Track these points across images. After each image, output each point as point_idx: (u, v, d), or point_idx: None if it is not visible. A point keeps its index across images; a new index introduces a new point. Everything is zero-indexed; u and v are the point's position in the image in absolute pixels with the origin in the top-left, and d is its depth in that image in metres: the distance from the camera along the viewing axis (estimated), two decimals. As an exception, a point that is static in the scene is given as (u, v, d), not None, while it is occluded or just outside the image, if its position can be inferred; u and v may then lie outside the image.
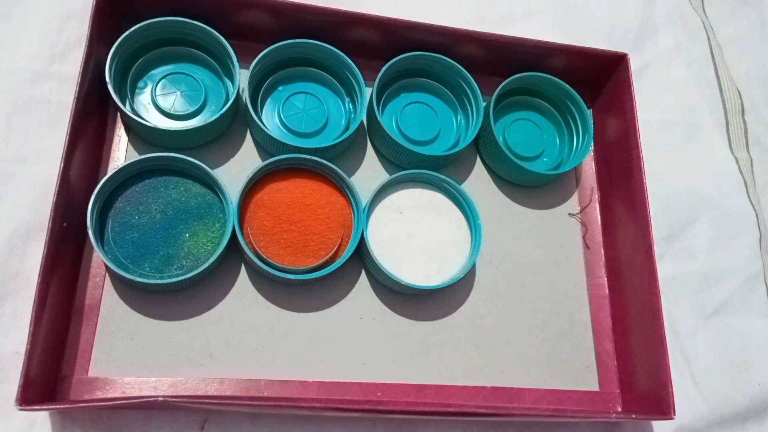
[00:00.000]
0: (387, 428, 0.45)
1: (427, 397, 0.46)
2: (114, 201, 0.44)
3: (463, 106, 0.54)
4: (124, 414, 0.42)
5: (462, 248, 0.49)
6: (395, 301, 0.48)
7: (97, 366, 0.42)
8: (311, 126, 0.50)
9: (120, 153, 0.47)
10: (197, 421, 0.43)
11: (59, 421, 0.41)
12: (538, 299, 0.51)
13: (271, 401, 0.43)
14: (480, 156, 0.54)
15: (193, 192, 0.46)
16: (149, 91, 0.47)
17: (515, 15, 0.62)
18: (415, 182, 0.50)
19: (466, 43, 0.51)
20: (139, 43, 0.47)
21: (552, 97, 0.55)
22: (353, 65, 0.49)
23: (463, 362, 0.48)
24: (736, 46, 0.67)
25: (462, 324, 0.49)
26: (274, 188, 0.46)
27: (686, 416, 0.51)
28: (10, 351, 0.42)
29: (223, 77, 0.49)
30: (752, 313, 0.56)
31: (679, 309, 0.54)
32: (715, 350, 0.54)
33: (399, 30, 0.50)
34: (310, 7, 0.48)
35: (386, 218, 0.48)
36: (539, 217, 0.53)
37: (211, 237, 0.45)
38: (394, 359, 0.47)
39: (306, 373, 0.45)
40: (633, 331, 0.49)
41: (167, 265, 0.43)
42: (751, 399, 0.53)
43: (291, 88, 0.51)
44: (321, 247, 0.46)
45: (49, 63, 0.49)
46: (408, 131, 0.51)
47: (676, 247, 0.57)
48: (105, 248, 0.43)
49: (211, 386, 0.43)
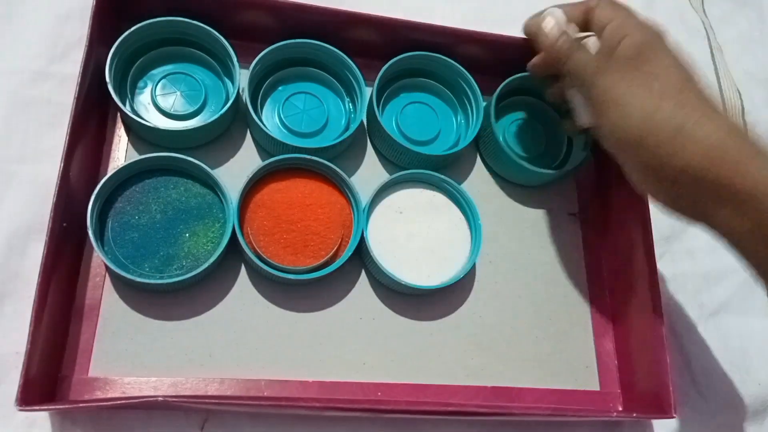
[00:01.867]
0: (387, 428, 0.45)
1: (427, 397, 0.46)
2: (114, 201, 0.44)
3: (463, 106, 0.54)
4: (124, 414, 0.42)
5: (462, 248, 0.49)
6: (395, 301, 0.48)
7: (97, 366, 0.42)
8: (311, 126, 0.50)
9: (120, 153, 0.47)
10: (197, 421, 0.43)
11: (59, 422, 0.41)
12: (538, 299, 0.51)
13: (272, 401, 0.43)
14: (480, 156, 0.54)
15: (193, 192, 0.46)
16: (149, 91, 0.47)
17: (515, 15, 0.62)
18: (415, 182, 0.50)
19: (466, 43, 0.51)
20: (139, 43, 0.47)
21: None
22: (353, 65, 0.49)
23: (463, 362, 0.48)
24: (736, 46, 0.67)
25: (462, 324, 0.49)
26: (274, 188, 0.46)
27: (686, 416, 0.51)
28: (10, 351, 0.42)
29: (223, 77, 0.49)
30: (752, 313, 0.56)
31: (679, 309, 0.54)
32: (715, 350, 0.54)
33: (399, 30, 0.50)
34: (310, 7, 0.48)
35: (386, 218, 0.48)
36: (539, 217, 0.53)
37: (211, 237, 0.45)
38: (394, 359, 0.47)
39: (306, 373, 0.45)
40: (633, 331, 0.49)
41: (167, 265, 0.43)
42: (751, 399, 0.53)
43: (291, 88, 0.51)
44: (321, 247, 0.46)
45: (49, 63, 0.49)
46: (408, 131, 0.51)
47: (676, 247, 0.57)
48: (105, 248, 0.43)
49: (211, 386, 0.43)
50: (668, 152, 0.37)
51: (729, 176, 0.35)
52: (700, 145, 0.36)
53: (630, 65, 0.39)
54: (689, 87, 0.38)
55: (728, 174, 0.35)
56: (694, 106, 0.37)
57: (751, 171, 0.35)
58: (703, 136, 0.36)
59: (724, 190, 0.35)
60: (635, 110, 0.38)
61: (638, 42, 0.39)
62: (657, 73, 0.38)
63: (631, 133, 0.38)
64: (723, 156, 0.35)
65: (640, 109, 0.37)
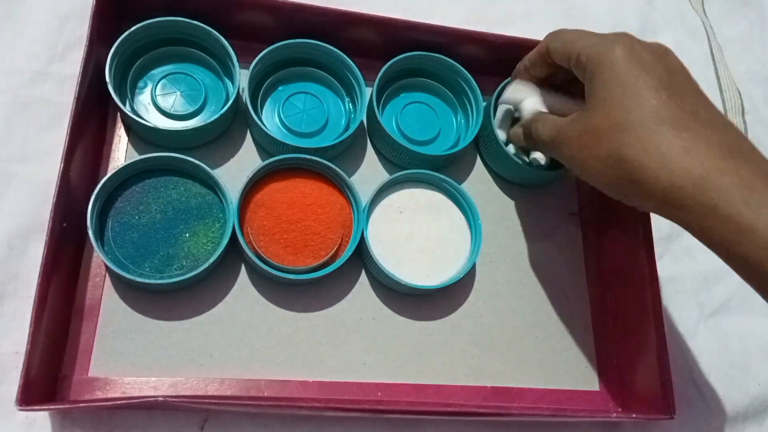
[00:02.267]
0: (387, 428, 0.45)
1: (427, 397, 0.46)
2: (114, 201, 0.44)
3: (463, 106, 0.54)
4: (124, 414, 0.42)
5: (462, 248, 0.49)
6: (395, 301, 0.48)
7: (97, 366, 0.42)
8: (311, 126, 0.50)
9: (120, 153, 0.47)
10: (197, 421, 0.43)
11: (59, 421, 0.41)
12: (538, 299, 0.51)
13: (272, 401, 0.43)
14: (480, 156, 0.54)
15: (193, 192, 0.46)
16: (149, 91, 0.47)
17: (515, 15, 0.62)
18: (415, 182, 0.50)
19: (466, 43, 0.51)
20: (139, 43, 0.47)
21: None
22: (353, 65, 0.49)
23: (463, 362, 0.48)
24: (736, 46, 0.67)
25: (462, 324, 0.49)
26: (274, 188, 0.46)
27: (686, 416, 0.51)
28: (10, 351, 0.42)
29: (223, 77, 0.49)
30: (752, 313, 0.56)
31: (679, 309, 0.54)
32: (715, 350, 0.54)
33: (399, 30, 0.50)
34: (310, 7, 0.48)
35: (386, 218, 0.48)
36: (539, 217, 0.53)
37: (211, 237, 0.45)
38: (394, 359, 0.47)
39: (306, 373, 0.45)
40: (633, 331, 0.49)
41: (167, 265, 0.43)
42: (751, 399, 0.53)
43: (291, 88, 0.51)
44: (321, 247, 0.46)
45: (49, 63, 0.49)
46: (408, 131, 0.51)
47: (676, 247, 0.57)
48: (105, 248, 0.43)
49: (211, 386, 0.43)
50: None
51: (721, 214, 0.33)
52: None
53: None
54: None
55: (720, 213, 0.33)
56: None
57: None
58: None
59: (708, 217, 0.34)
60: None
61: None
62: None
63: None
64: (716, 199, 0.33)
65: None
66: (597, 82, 0.38)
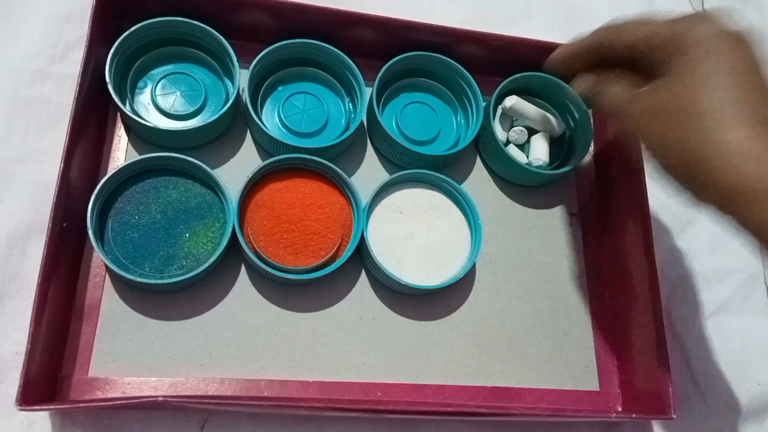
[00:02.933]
0: (387, 428, 0.45)
1: (427, 397, 0.46)
2: (114, 201, 0.44)
3: (463, 106, 0.54)
4: (124, 414, 0.42)
5: (462, 248, 0.49)
6: (395, 301, 0.48)
7: (97, 366, 0.42)
8: (311, 126, 0.50)
9: (120, 153, 0.47)
10: (197, 421, 0.43)
11: (59, 421, 0.41)
12: (538, 299, 0.51)
13: (271, 401, 0.43)
14: (480, 156, 0.54)
15: (193, 192, 0.46)
16: (149, 91, 0.47)
17: (515, 15, 0.62)
18: (415, 182, 0.50)
19: (466, 43, 0.51)
20: (139, 43, 0.47)
21: (552, 97, 0.55)
22: (353, 65, 0.49)
23: (463, 362, 0.48)
24: (736, 45, 0.67)
25: (462, 324, 0.49)
26: (274, 188, 0.46)
27: (686, 416, 0.51)
28: (10, 351, 0.42)
29: (223, 77, 0.49)
30: (752, 313, 0.56)
31: (679, 309, 0.54)
32: (715, 350, 0.54)
33: (399, 30, 0.50)
34: (310, 7, 0.48)
35: (386, 218, 0.48)
36: (539, 217, 0.53)
37: (211, 237, 0.45)
38: (394, 359, 0.47)
39: (306, 373, 0.45)
40: (633, 331, 0.49)
41: (167, 265, 0.43)
42: (751, 399, 0.53)
43: (291, 88, 0.51)
44: (321, 247, 0.46)
45: (49, 63, 0.49)
46: (408, 131, 0.51)
47: (676, 247, 0.57)
48: (105, 248, 0.43)
49: (211, 386, 0.43)
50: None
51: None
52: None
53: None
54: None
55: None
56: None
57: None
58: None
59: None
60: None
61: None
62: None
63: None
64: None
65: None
66: (676, 61, 0.36)
